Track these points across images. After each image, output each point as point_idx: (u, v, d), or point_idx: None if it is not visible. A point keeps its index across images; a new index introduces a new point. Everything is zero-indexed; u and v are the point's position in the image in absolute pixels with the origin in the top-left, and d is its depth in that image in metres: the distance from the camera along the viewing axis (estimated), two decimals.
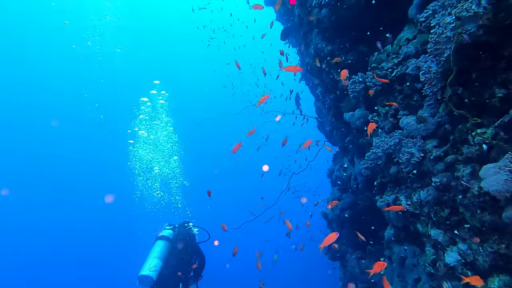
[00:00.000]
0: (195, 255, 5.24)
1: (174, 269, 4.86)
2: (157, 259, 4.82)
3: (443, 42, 2.67)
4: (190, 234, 5.43)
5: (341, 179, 7.95)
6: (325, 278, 12.00)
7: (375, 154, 3.69)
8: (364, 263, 7.32)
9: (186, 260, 5.07)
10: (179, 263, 4.95)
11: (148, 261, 4.80)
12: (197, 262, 5.18)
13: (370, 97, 4.04)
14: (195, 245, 5.34)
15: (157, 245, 5.04)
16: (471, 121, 2.47)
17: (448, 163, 2.90)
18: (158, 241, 5.11)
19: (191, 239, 5.33)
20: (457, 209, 2.86)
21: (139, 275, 4.65)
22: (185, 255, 5.10)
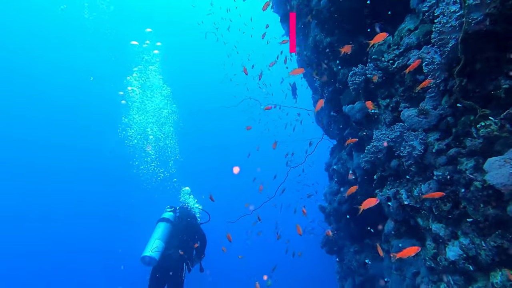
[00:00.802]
0: (197, 235, 5.35)
1: (176, 250, 4.98)
2: (158, 240, 4.92)
3: (447, 32, 2.59)
4: (190, 215, 5.54)
5: (338, 172, 7.91)
6: (324, 272, 12.08)
7: (375, 147, 3.63)
8: (361, 257, 7.33)
9: (187, 240, 5.18)
10: (180, 243, 5.06)
11: (150, 242, 4.90)
12: (199, 242, 5.31)
13: (370, 89, 3.97)
14: (196, 226, 5.45)
15: (159, 227, 5.16)
16: (480, 112, 2.40)
17: (450, 156, 2.84)
18: (159, 223, 5.23)
19: (191, 220, 5.43)
20: (459, 203, 2.82)
21: (142, 256, 4.77)
22: (186, 235, 5.20)
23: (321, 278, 11.92)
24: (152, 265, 4.80)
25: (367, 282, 7.05)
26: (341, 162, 7.77)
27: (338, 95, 5.60)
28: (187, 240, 5.23)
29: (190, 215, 5.55)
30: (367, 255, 7.30)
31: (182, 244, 5.14)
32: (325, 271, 11.24)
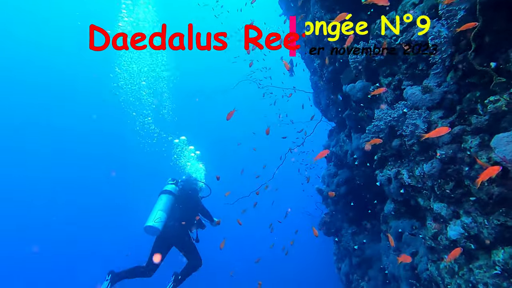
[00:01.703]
0: (198, 208, 5.54)
1: (178, 221, 5.20)
2: (160, 211, 5.12)
3: (456, 2, 2.47)
4: (192, 188, 5.69)
5: (337, 154, 7.86)
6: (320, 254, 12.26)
7: (377, 127, 3.55)
8: (359, 238, 7.38)
9: (188, 211, 5.39)
10: (182, 215, 5.27)
11: (153, 213, 5.11)
12: (200, 214, 5.51)
13: (372, 67, 3.85)
14: (197, 199, 5.61)
15: (161, 199, 5.34)
16: (496, 80, 2.30)
17: (455, 134, 2.77)
18: (161, 195, 5.40)
19: (193, 193, 5.59)
20: (462, 181, 2.77)
21: (145, 226, 4.97)
22: (187, 207, 5.40)
23: (317, 260, 12.16)
24: (155, 234, 5.01)
25: (364, 263, 7.12)
26: (339, 145, 7.70)
27: (338, 75, 5.47)
28: (189, 211, 5.40)
29: (191, 188, 5.68)
30: (364, 236, 7.36)
31: (184, 216, 5.31)
32: (321, 253, 11.40)
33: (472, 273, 2.63)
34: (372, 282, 6.93)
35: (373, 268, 6.97)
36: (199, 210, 5.56)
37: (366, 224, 6.76)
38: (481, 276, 2.53)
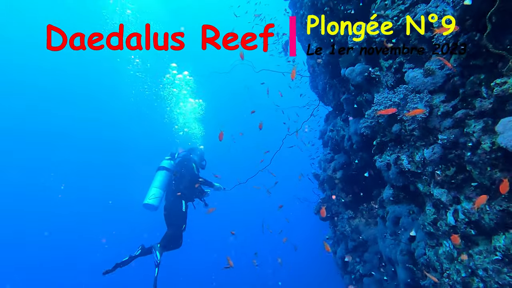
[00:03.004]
0: (195, 177, 5.83)
1: (173, 193, 5.53)
2: (156, 188, 5.48)
3: None
4: (189, 159, 6.06)
5: (333, 139, 7.80)
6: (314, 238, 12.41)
7: (377, 112, 3.46)
8: (355, 222, 7.42)
9: (184, 183, 5.67)
10: (177, 188, 5.58)
11: (150, 190, 5.46)
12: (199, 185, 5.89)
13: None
14: (193, 170, 5.91)
15: (156, 176, 5.70)
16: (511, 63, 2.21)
17: (457, 119, 2.69)
18: (158, 172, 5.77)
19: (189, 163, 5.92)
20: (464, 167, 2.71)
21: (143, 204, 5.34)
22: (182, 178, 5.69)
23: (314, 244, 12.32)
24: (154, 210, 5.38)
25: (360, 247, 7.18)
26: (336, 129, 7.63)
27: (335, 58, 5.34)
28: (184, 182, 5.67)
29: (188, 159, 6.06)
30: (360, 220, 7.40)
31: (179, 187, 5.59)
32: (316, 238, 11.53)
33: (472, 258, 2.61)
34: (368, 265, 7.01)
35: (369, 252, 7.05)
36: (196, 179, 5.82)
37: (363, 208, 6.77)
38: (481, 261, 2.52)
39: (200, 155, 6.63)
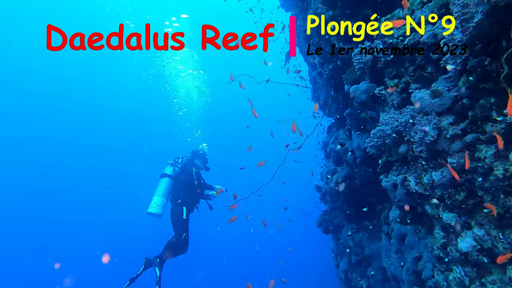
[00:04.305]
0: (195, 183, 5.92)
1: (175, 199, 5.68)
2: (158, 196, 5.63)
3: (472, 5, 2.31)
4: (190, 164, 6.16)
5: (336, 151, 7.74)
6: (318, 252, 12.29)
7: (383, 132, 3.41)
8: (358, 236, 7.32)
9: (184, 189, 5.79)
10: (178, 194, 5.72)
11: (153, 199, 5.62)
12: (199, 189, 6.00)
13: (377, 68, 3.69)
14: (192, 175, 5.98)
15: (160, 183, 5.84)
16: None
17: (468, 143, 2.64)
18: (160, 179, 5.90)
19: (188, 173, 5.97)
20: (475, 192, 2.65)
21: (146, 212, 5.52)
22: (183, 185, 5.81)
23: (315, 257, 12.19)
24: (157, 218, 5.54)
25: (363, 262, 7.08)
26: (338, 141, 7.58)
27: (338, 72, 5.31)
28: (184, 189, 5.80)
29: (190, 164, 6.15)
30: (363, 234, 7.31)
31: (180, 194, 5.73)
32: (320, 248, 11.40)
33: (485, 287, 2.53)
34: (371, 281, 6.89)
35: (373, 266, 6.94)
36: (195, 185, 5.91)
37: (368, 224, 6.68)
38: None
39: (203, 157, 6.65)
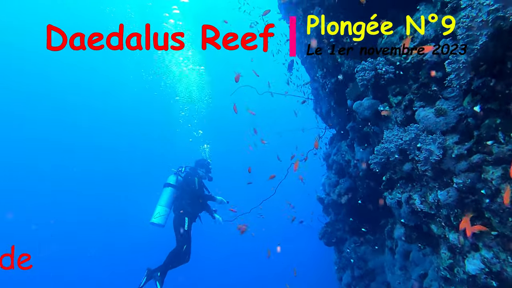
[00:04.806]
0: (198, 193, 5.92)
1: (177, 210, 5.72)
2: (160, 206, 5.66)
3: (477, 28, 2.31)
4: (193, 174, 6.18)
5: (338, 163, 7.71)
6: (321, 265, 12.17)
7: (387, 149, 3.39)
8: (361, 249, 7.25)
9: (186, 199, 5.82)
10: (181, 204, 5.76)
11: (156, 209, 5.67)
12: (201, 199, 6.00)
13: (380, 84, 3.69)
14: (194, 185, 5.99)
15: (163, 193, 5.88)
16: None
17: (474, 164, 2.62)
18: (164, 189, 5.95)
19: (190, 183, 5.97)
20: (482, 213, 2.62)
21: (149, 222, 5.58)
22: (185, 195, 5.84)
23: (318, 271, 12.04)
24: (160, 228, 5.58)
25: (366, 275, 7.00)
26: (340, 153, 7.55)
27: (340, 86, 5.32)
28: (187, 199, 5.83)
29: (193, 174, 6.18)
30: (366, 247, 7.23)
31: (182, 204, 5.77)
32: (321, 259, 11.28)
33: None
34: None
35: (376, 281, 6.85)
36: (197, 195, 5.92)
37: (371, 238, 6.62)
38: None
39: (206, 167, 6.64)
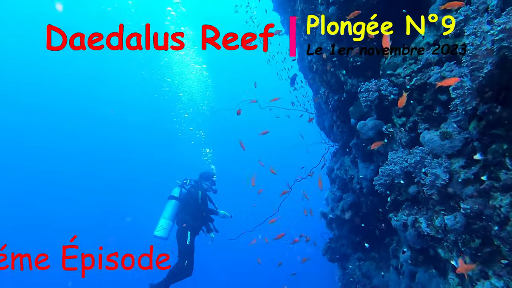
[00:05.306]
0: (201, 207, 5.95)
1: (180, 223, 5.76)
2: (163, 219, 5.71)
3: (481, 56, 2.31)
4: (197, 187, 6.18)
5: (341, 178, 7.67)
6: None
7: (391, 171, 3.37)
8: (365, 266, 7.15)
9: (189, 213, 5.85)
10: (184, 217, 5.79)
11: (160, 221, 5.71)
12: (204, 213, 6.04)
13: (384, 105, 3.69)
14: (198, 199, 6.00)
15: (167, 205, 5.91)
16: None
17: (481, 190, 2.59)
18: (168, 201, 5.97)
19: (194, 196, 5.99)
20: (491, 240, 2.58)
21: (153, 235, 5.64)
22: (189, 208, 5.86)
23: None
24: (164, 240, 5.63)
25: None
26: (344, 168, 7.52)
27: (344, 103, 5.33)
28: (189, 213, 5.86)
29: (197, 187, 6.18)
30: (370, 264, 7.13)
31: (185, 218, 5.80)
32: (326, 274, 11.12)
33: None
34: None
35: None
36: (200, 209, 5.95)
37: (375, 256, 6.53)
38: None
39: (210, 179, 6.64)
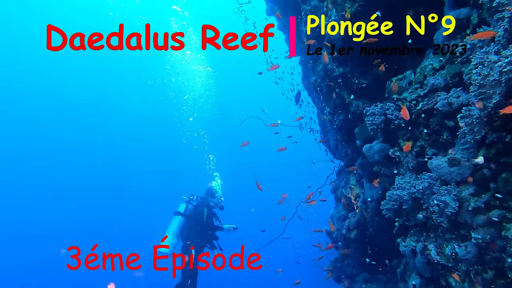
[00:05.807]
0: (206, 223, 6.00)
1: (185, 240, 5.84)
2: (169, 235, 5.76)
3: (489, 86, 2.31)
4: (203, 204, 6.17)
5: (347, 197, 7.59)
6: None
7: (399, 196, 3.32)
8: (372, 286, 6.99)
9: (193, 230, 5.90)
10: (189, 234, 5.88)
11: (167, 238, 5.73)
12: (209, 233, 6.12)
13: (391, 129, 3.68)
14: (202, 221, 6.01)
15: (173, 221, 5.97)
16: None
17: (492, 220, 2.54)
18: (174, 217, 6.02)
19: (199, 214, 6.03)
20: (505, 272, 2.51)
21: (158, 251, 5.63)
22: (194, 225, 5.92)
23: None
24: (167, 255, 5.62)
25: None
26: (349, 187, 7.46)
27: (349, 123, 5.32)
28: (192, 230, 5.91)
29: (203, 204, 6.18)
30: (378, 285, 6.97)
31: (190, 234, 5.88)
32: None
33: None
34: None
35: None
36: (204, 227, 5.99)
37: (383, 278, 6.39)
38: None
39: (216, 196, 6.58)
